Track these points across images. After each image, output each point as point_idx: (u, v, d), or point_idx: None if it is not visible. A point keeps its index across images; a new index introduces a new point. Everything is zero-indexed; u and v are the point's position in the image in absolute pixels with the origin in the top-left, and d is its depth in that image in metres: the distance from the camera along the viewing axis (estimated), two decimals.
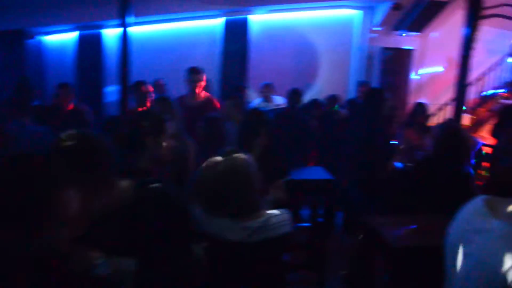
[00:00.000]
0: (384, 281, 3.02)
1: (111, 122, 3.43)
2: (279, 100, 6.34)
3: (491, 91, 8.43)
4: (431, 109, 8.23)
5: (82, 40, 7.19)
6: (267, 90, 6.59)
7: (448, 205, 1.58)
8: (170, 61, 7.17)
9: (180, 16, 7.26)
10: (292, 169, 4.55)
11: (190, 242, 1.68)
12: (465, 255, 1.30)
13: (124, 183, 1.62)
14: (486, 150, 5.63)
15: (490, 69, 8.50)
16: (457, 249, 1.34)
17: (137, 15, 5.16)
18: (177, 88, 5.71)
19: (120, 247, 1.50)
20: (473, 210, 1.37)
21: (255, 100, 6.77)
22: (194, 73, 4.82)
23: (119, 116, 4.24)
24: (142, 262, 1.51)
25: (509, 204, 1.28)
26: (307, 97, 7.22)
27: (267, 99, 6.54)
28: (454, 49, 4.71)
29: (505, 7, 8.14)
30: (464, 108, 4.66)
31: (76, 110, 5.03)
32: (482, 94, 8.55)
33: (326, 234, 4.51)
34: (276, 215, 2.16)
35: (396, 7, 7.08)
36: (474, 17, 4.51)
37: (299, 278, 4.12)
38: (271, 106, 6.26)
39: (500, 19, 8.28)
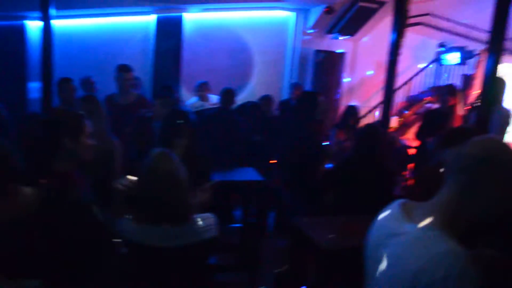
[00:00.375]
0: (312, 282, 3.05)
1: (28, 120, 3.20)
2: (215, 100, 6.26)
3: (417, 95, 8.86)
4: (362, 111, 8.52)
5: (1, 31, 6.69)
6: (203, 89, 6.50)
7: (373, 205, 1.59)
8: (100, 57, 6.87)
9: (111, 11, 6.98)
10: (223, 169, 4.53)
11: (104, 254, 1.57)
12: (381, 258, 1.31)
13: (28, 190, 1.46)
14: (411, 151, 5.89)
15: (416, 74, 8.92)
16: (375, 252, 1.36)
17: (63, 8, 4.89)
18: (107, 86, 5.48)
19: (22, 266, 1.35)
20: (390, 214, 1.39)
21: (190, 99, 6.66)
22: (123, 71, 4.65)
23: (37, 114, 3.98)
24: (48, 284, 1.37)
25: (423, 209, 1.30)
26: (241, 97, 7.22)
27: (203, 98, 6.46)
28: (383, 54, 4.87)
29: (429, 17, 8.62)
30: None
31: None
32: (409, 97, 8.96)
33: (258, 235, 4.50)
34: (202, 219, 2.12)
35: (328, 11, 7.23)
36: (400, 24, 4.70)
37: (231, 279, 4.09)
38: (206, 105, 6.18)
39: (426, 27, 8.76)
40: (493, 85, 3.49)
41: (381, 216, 1.42)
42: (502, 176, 1.20)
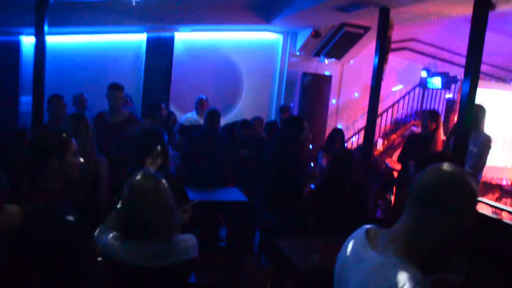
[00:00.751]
0: None
1: (16, 135, 3.25)
2: None
3: (403, 118, 9.03)
4: (349, 133, 8.67)
5: None
6: (201, 104, 6.57)
7: (350, 227, 1.65)
8: (92, 74, 6.97)
9: (103, 29, 7.08)
10: (208, 189, 4.60)
11: (85, 271, 1.62)
12: (346, 283, 1.37)
13: (13, 208, 1.51)
14: (395, 174, 5.99)
15: (402, 98, 9.10)
16: (342, 276, 1.41)
17: (57, 24, 4.98)
18: (98, 103, 5.54)
19: (4, 282, 1.40)
20: (356, 239, 1.44)
21: (187, 113, 6.73)
22: (115, 89, 4.69)
23: (25, 130, 4.03)
24: None
25: (385, 236, 1.36)
26: (228, 118, 7.32)
27: (200, 113, 6.51)
28: (369, 77, 5.01)
29: (415, 42, 8.86)
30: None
31: None
32: (395, 120, 9.12)
33: (241, 254, 4.55)
34: (182, 241, 2.17)
35: (314, 35, 7.39)
36: (383, 50, 4.85)
37: None
38: (201, 121, 6.24)
39: (412, 52, 8.99)
40: (470, 110, 3.59)
41: (348, 240, 1.49)
42: (454, 205, 1.27)
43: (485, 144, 4.36)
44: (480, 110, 4.39)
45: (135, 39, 7.45)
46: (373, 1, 4.88)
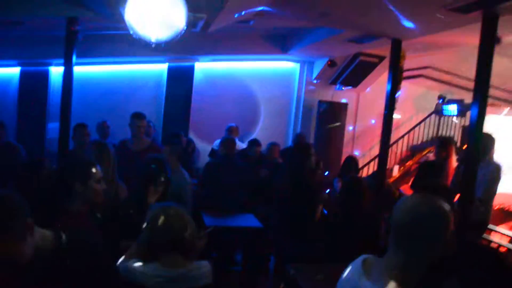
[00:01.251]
0: None
1: (44, 163, 3.45)
2: (241, 145, 6.60)
3: (419, 145, 9.04)
4: (365, 160, 8.72)
5: (25, 75, 7.17)
6: (231, 132, 6.74)
7: (359, 254, 1.72)
8: (115, 102, 7.29)
9: (127, 60, 7.41)
10: (225, 215, 4.74)
11: None
12: None
13: (44, 231, 1.66)
14: None
15: (417, 125, 9.14)
16: None
17: (84, 55, 5.26)
18: (120, 130, 5.78)
19: None
20: (353, 268, 1.54)
21: (217, 140, 6.86)
22: (137, 118, 4.89)
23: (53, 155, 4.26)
24: None
25: (378, 266, 1.45)
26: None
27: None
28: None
29: (430, 70, 8.95)
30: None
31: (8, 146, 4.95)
32: (411, 147, 9.14)
33: (256, 279, 4.64)
34: (199, 267, 2.25)
35: (330, 64, 7.59)
36: (395, 79, 4.99)
37: None
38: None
39: (428, 80, 9.07)
40: (478, 138, 3.66)
41: (347, 269, 1.58)
42: (437, 234, 1.38)
43: (494, 173, 4.39)
44: (489, 139, 4.45)
45: (156, 69, 7.77)
46: (384, 34, 5.05)
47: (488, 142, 4.39)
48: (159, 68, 7.77)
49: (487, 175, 4.30)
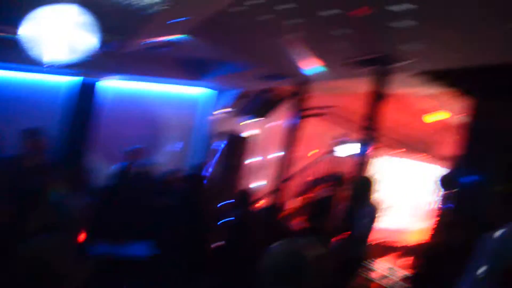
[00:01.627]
0: None
1: None
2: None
3: (314, 181, 9.42)
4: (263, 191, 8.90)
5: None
6: (135, 155, 6.40)
7: None
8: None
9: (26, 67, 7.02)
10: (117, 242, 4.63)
11: None
12: None
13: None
14: None
15: (316, 160, 9.54)
16: None
17: None
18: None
19: None
20: None
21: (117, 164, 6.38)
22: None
23: None
24: None
25: None
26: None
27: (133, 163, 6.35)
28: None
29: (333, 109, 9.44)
30: None
31: None
32: (307, 182, 9.49)
33: None
34: None
35: (241, 95, 7.84)
36: (296, 117, 5.31)
37: None
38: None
39: (332, 118, 9.54)
40: (359, 180, 4.01)
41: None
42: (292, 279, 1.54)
43: (372, 215, 4.56)
44: (366, 183, 4.57)
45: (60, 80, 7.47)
46: (290, 75, 5.38)
47: (365, 186, 4.53)
48: (63, 80, 7.47)
49: (365, 216, 4.56)
